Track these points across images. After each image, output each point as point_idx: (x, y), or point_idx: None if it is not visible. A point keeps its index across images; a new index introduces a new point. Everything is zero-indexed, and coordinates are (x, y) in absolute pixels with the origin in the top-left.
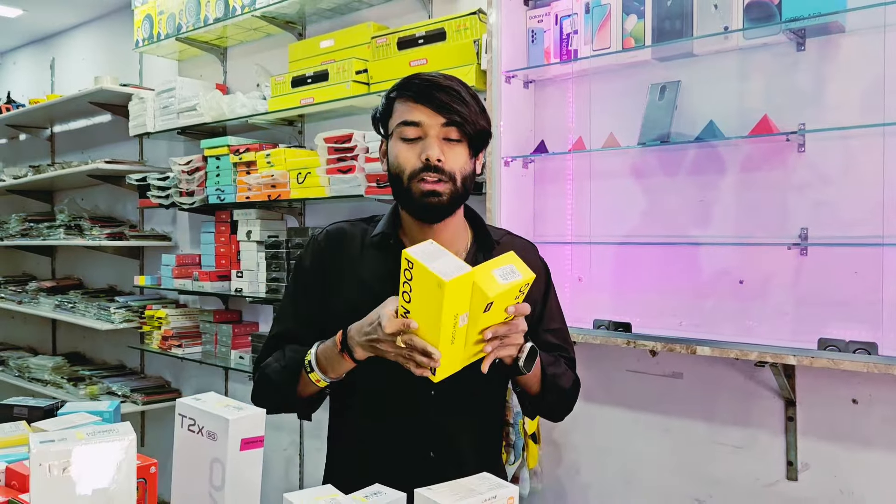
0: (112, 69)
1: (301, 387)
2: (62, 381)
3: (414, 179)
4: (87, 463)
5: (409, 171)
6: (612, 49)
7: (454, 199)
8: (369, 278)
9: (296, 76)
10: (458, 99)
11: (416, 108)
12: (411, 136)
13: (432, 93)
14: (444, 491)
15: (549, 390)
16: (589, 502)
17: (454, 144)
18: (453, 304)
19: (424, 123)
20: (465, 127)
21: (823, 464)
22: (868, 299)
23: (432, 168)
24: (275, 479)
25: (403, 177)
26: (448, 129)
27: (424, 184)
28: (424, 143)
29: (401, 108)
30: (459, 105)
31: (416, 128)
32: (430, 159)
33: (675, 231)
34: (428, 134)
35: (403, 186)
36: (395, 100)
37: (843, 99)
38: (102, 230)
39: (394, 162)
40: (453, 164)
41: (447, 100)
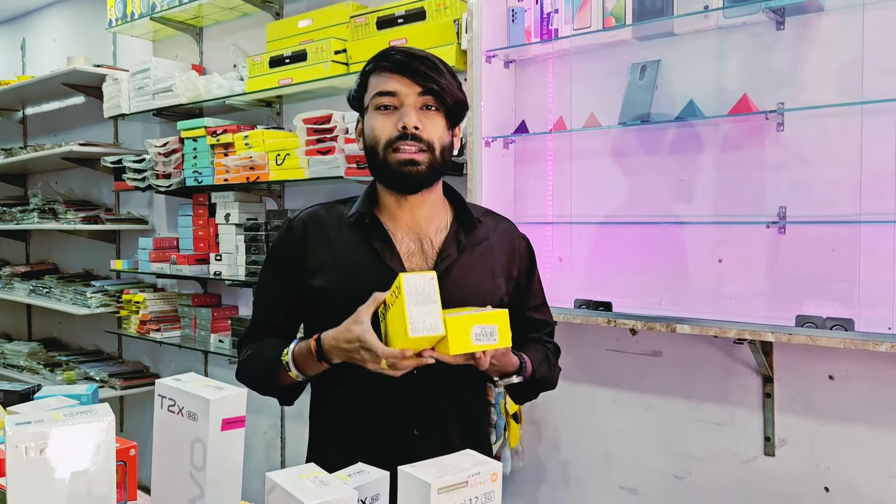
0: (85, 49)
1: (280, 379)
2: (38, 366)
3: (390, 148)
4: (64, 445)
5: (384, 140)
6: (593, 28)
7: (433, 169)
8: (346, 258)
9: (273, 56)
10: (435, 69)
11: (392, 77)
12: (387, 103)
13: (408, 63)
14: (428, 468)
15: (536, 386)
16: (569, 480)
17: (431, 114)
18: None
19: (401, 93)
20: (443, 96)
21: (800, 439)
22: (845, 277)
23: (409, 136)
24: (256, 461)
25: (379, 147)
26: (425, 98)
27: (402, 153)
28: (401, 111)
29: (375, 80)
30: (436, 74)
31: (393, 97)
32: (406, 127)
33: (655, 210)
34: (404, 103)
35: (379, 158)
36: (370, 73)
37: (821, 78)
38: (77, 214)
39: (370, 134)
40: (431, 133)
41: (424, 69)
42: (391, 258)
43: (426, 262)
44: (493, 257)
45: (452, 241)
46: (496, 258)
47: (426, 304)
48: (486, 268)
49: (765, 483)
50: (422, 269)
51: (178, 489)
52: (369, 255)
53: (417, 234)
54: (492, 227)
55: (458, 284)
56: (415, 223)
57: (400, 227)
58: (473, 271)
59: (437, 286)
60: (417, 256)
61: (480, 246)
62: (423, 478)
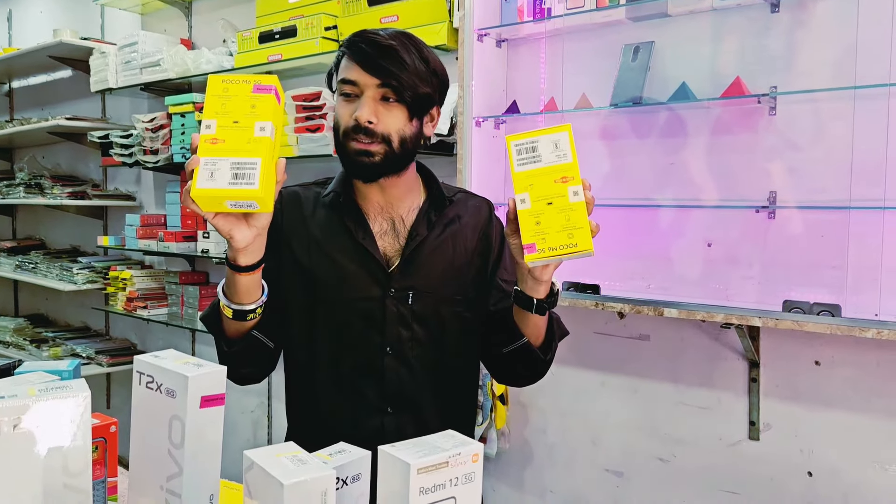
0: (72, 22)
1: (225, 327)
2: (24, 342)
3: (347, 138)
4: (39, 420)
5: (343, 128)
6: (586, 7)
7: (388, 160)
8: (320, 236)
9: (263, 32)
10: (395, 59)
11: (353, 66)
12: (349, 92)
13: (370, 55)
14: (408, 448)
15: (555, 335)
16: (555, 462)
17: (391, 106)
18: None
19: (360, 83)
20: (402, 91)
21: (785, 424)
22: (833, 262)
23: (362, 129)
24: (242, 440)
25: (339, 133)
26: (384, 89)
27: (356, 143)
28: (358, 102)
29: (343, 66)
30: (398, 68)
31: (353, 86)
32: (359, 120)
33: (644, 193)
34: (363, 93)
35: (340, 143)
36: (341, 57)
37: (815, 63)
38: (64, 189)
39: (335, 118)
40: (388, 126)
41: (386, 62)
42: (364, 237)
43: (398, 240)
44: (465, 235)
45: (423, 219)
46: (468, 235)
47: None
48: (458, 245)
49: (749, 467)
50: (394, 248)
51: (156, 466)
52: (343, 234)
53: (390, 213)
54: (464, 206)
55: (429, 263)
56: (387, 203)
57: (373, 206)
58: (444, 249)
59: None
60: (390, 235)
61: (452, 224)
62: (403, 458)
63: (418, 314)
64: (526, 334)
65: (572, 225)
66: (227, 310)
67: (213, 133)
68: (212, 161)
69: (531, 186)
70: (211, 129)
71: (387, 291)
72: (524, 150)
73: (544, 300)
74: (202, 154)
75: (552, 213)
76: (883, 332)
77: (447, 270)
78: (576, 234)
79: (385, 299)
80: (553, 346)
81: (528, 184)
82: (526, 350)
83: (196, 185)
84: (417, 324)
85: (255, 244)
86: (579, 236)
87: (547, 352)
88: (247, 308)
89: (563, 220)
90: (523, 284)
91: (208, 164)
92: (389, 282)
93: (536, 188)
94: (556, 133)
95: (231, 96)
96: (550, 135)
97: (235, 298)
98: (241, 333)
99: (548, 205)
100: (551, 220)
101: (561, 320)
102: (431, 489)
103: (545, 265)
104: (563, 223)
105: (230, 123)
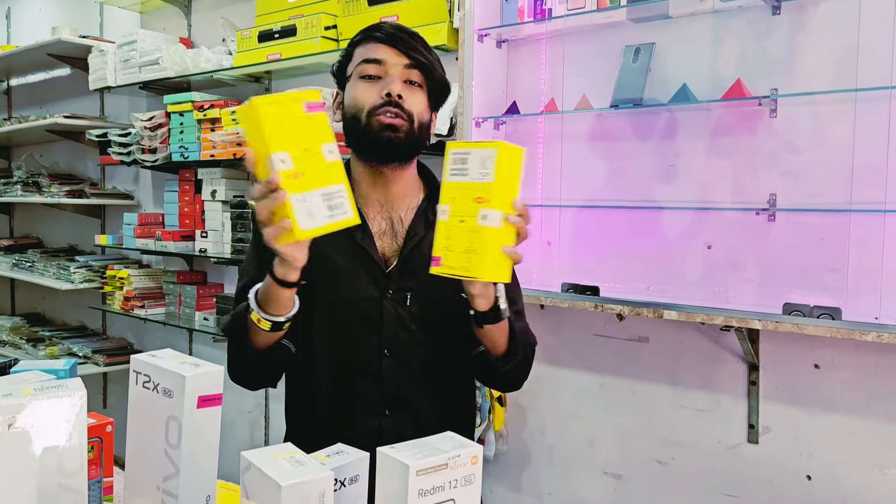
0: (71, 20)
1: (252, 336)
2: (21, 341)
3: (373, 115)
4: (34, 420)
5: (368, 106)
6: (587, 9)
7: (410, 140)
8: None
9: (263, 31)
10: (422, 45)
11: (379, 46)
12: (372, 73)
13: (398, 34)
14: (407, 449)
15: (517, 349)
16: (553, 464)
17: (415, 88)
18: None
19: (387, 62)
20: (430, 71)
21: (784, 427)
22: (833, 265)
23: (393, 104)
24: (239, 441)
25: (362, 114)
26: (410, 71)
27: (384, 117)
28: (385, 80)
29: (362, 50)
30: (423, 49)
31: (378, 66)
32: (391, 94)
33: (645, 195)
34: (389, 72)
35: (361, 124)
36: (356, 45)
37: (816, 65)
38: (61, 187)
39: (351, 103)
40: (413, 105)
41: (413, 42)
42: (362, 237)
43: (396, 240)
44: None
45: (421, 219)
46: None
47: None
48: None
49: (748, 470)
50: (392, 248)
51: (152, 467)
52: (341, 233)
53: (389, 212)
54: None
55: (428, 263)
56: (387, 201)
57: (372, 205)
58: None
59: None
60: (388, 235)
61: None
62: (402, 459)
63: (416, 315)
64: (483, 344)
65: (473, 249)
66: (265, 322)
67: (292, 168)
68: (303, 197)
69: (453, 199)
70: (287, 163)
71: (385, 292)
72: (458, 159)
73: (483, 313)
74: (293, 191)
75: (461, 231)
76: (883, 335)
77: None
78: (473, 260)
79: (383, 300)
80: (513, 359)
81: (452, 196)
82: (486, 359)
83: (299, 226)
84: (416, 325)
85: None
86: (475, 262)
87: (505, 363)
88: (283, 319)
89: (468, 241)
90: (465, 293)
91: (301, 201)
92: (388, 282)
93: (457, 202)
94: (487, 149)
95: (289, 122)
96: (481, 150)
97: (272, 310)
98: (271, 343)
99: (460, 222)
100: (459, 238)
101: (529, 329)
102: (430, 491)
103: (471, 282)
104: (466, 245)
105: (301, 153)
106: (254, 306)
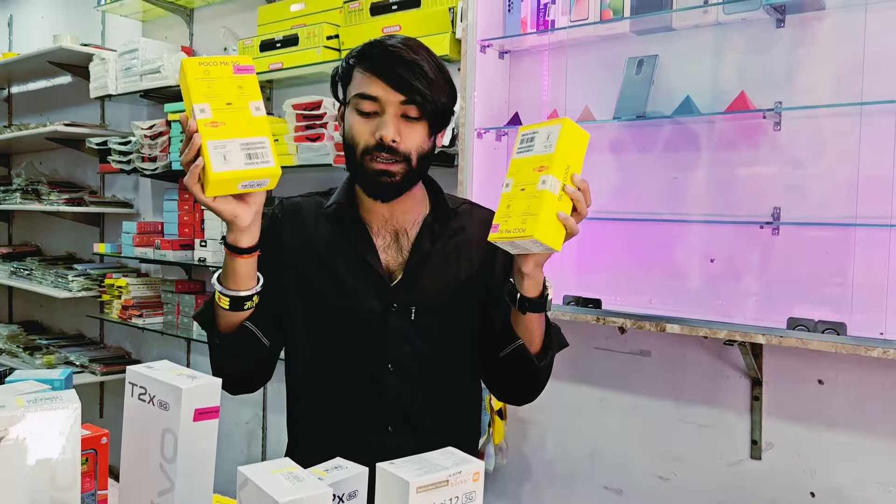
0: (73, 28)
1: (218, 320)
2: (17, 349)
3: (367, 156)
4: (28, 432)
5: (362, 146)
6: (590, 20)
7: (407, 179)
8: (322, 249)
9: (264, 40)
10: (420, 74)
11: (374, 81)
12: (367, 109)
13: (392, 67)
14: (407, 465)
15: (551, 343)
16: (554, 479)
17: (412, 123)
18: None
19: (382, 99)
20: (425, 106)
21: (787, 443)
22: (837, 280)
23: (386, 148)
24: (236, 453)
25: (356, 152)
26: (407, 107)
27: (377, 163)
28: (381, 120)
29: (359, 78)
30: (421, 82)
31: (374, 103)
32: (384, 139)
33: (647, 208)
34: (385, 110)
35: (356, 161)
36: (354, 67)
37: (820, 78)
38: (61, 195)
39: (348, 133)
40: (409, 144)
41: (408, 76)
42: (367, 251)
43: (401, 254)
44: (470, 247)
45: (427, 232)
46: (472, 248)
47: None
48: (462, 258)
49: (750, 486)
50: (397, 262)
51: (147, 481)
52: (345, 247)
53: (394, 226)
54: (468, 217)
55: (433, 277)
56: (392, 216)
57: (377, 219)
58: (448, 262)
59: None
60: (393, 249)
61: (456, 237)
62: (402, 476)
63: (421, 329)
64: (521, 336)
65: (530, 211)
66: (224, 299)
67: (210, 116)
68: (220, 144)
69: (517, 173)
70: (206, 112)
71: (389, 306)
72: (525, 139)
73: (531, 299)
74: (208, 138)
75: (521, 198)
76: (888, 351)
77: (451, 284)
78: (528, 221)
79: (387, 314)
80: (549, 354)
81: (516, 170)
82: (521, 354)
83: (212, 168)
84: (420, 339)
85: (254, 223)
86: (530, 223)
87: (542, 359)
88: (243, 294)
89: (525, 206)
90: (514, 278)
91: (218, 146)
92: (392, 297)
93: (520, 174)
94: (552, 125)
95: (214, 78)
96: (547, 126)
97: (233, 285)
98: (235, 325)
99: (521, 190)
100: (518, 204)
101: (561, 332)
102: None
103: (525, 256)
104: (524, 209)
105: (223, 105)
106: (214, 282)
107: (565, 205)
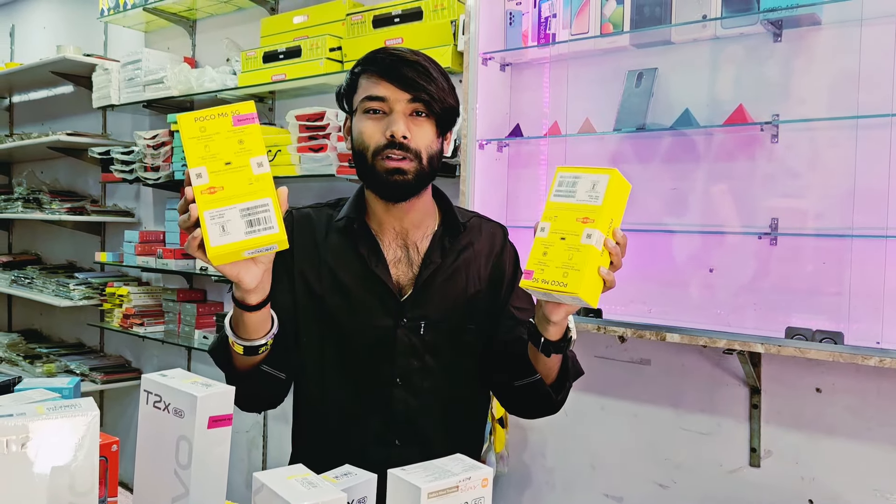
0: (76, 38)
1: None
2: (18, 358)
3: (378, 156)
4: (47, 439)
5: (373, 147)
6: (591, 34)
7: (419, 177)
8: (332, 262)
9: (267, 51)
10: (425, 75)
11: (381, 83)
12: (376, 109)
13: (398, 68)
14: (418, 472)
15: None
16: (554, 486)
17: (421, 121)
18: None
19: (390, 99)
20: (432, 104)
21: (786, 451)
22: (835, 290)
23: (397, 145)
24: (237, 461)
25: (367, 154)
26: (414, 105)
27: (389, 161)
28: (390, 118)
29: (366, 84)
30: (426, 81)
31: (382, 103)
32: (394, 135)
33: (647, 218)
34: (393, 109)
35: (367, 164)
36: (360, 75)
37: (817, 91)
38: (62, 204)
39: (358, 138)
40: (419, 142)
41: (413, 76)
42: (377, 264)
43: (411, 268)
44: (479, 262)
45: (437, 246)
46: (481, 263)
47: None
48: (471, 273)
49: (749, 494)
50: (407, 276)
51: (161, 487)
52: (355, 260)
53: (405, 240)
54: (478, 231)
55: (443, 291)
56: (402, 229)
57: (387, 233)
58: (457, 277)
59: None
60: (403, 263)
61: (466, 251)
62: (414, 482)
63: (430, 344)
64: (538, 371)
65: (572, 265)
66: (238, 346)
67: (207, 182)
68: (218, 213)
69: (555, 218)
70: (203, 177)
71: (398, 321)
72: (566, 182)
73: (554, 342)
74: (205, 208)
75: (561, 248)
76: (885, 360)
77: (460, 299)
78: (570, 275)
79: (396, 329)
80: (566, 386)
81: (554, 215)
82: (537, 387)
83: (210, 243)
84: (429, 354)
85: (263, 281)
86: (573, 278)
87: (559, 391)
88: (257, 343)
89: (566, 258)
90: (537, 320)
91: (215, 216)
92: (402, 311)
93: (559, 221)
94: (599, 174)
95: (212, 135)
96: (593, 174)
97: (245, 335)
98: (250, 366)
99: (561, 239)
100: (557, 254)
101: (577, 359)
102: None
103: (556, 304)
104: (564, 261)
105: (222, 167)
106: (227, 329)
107: (606, 259)
